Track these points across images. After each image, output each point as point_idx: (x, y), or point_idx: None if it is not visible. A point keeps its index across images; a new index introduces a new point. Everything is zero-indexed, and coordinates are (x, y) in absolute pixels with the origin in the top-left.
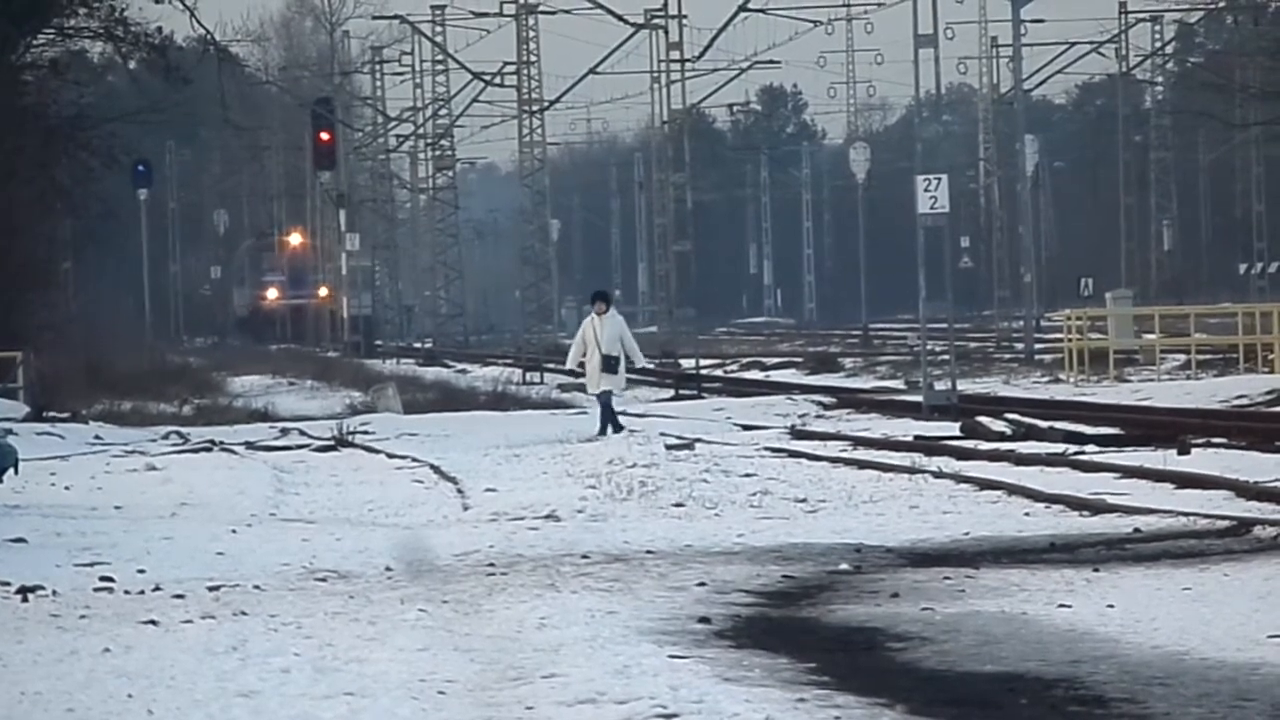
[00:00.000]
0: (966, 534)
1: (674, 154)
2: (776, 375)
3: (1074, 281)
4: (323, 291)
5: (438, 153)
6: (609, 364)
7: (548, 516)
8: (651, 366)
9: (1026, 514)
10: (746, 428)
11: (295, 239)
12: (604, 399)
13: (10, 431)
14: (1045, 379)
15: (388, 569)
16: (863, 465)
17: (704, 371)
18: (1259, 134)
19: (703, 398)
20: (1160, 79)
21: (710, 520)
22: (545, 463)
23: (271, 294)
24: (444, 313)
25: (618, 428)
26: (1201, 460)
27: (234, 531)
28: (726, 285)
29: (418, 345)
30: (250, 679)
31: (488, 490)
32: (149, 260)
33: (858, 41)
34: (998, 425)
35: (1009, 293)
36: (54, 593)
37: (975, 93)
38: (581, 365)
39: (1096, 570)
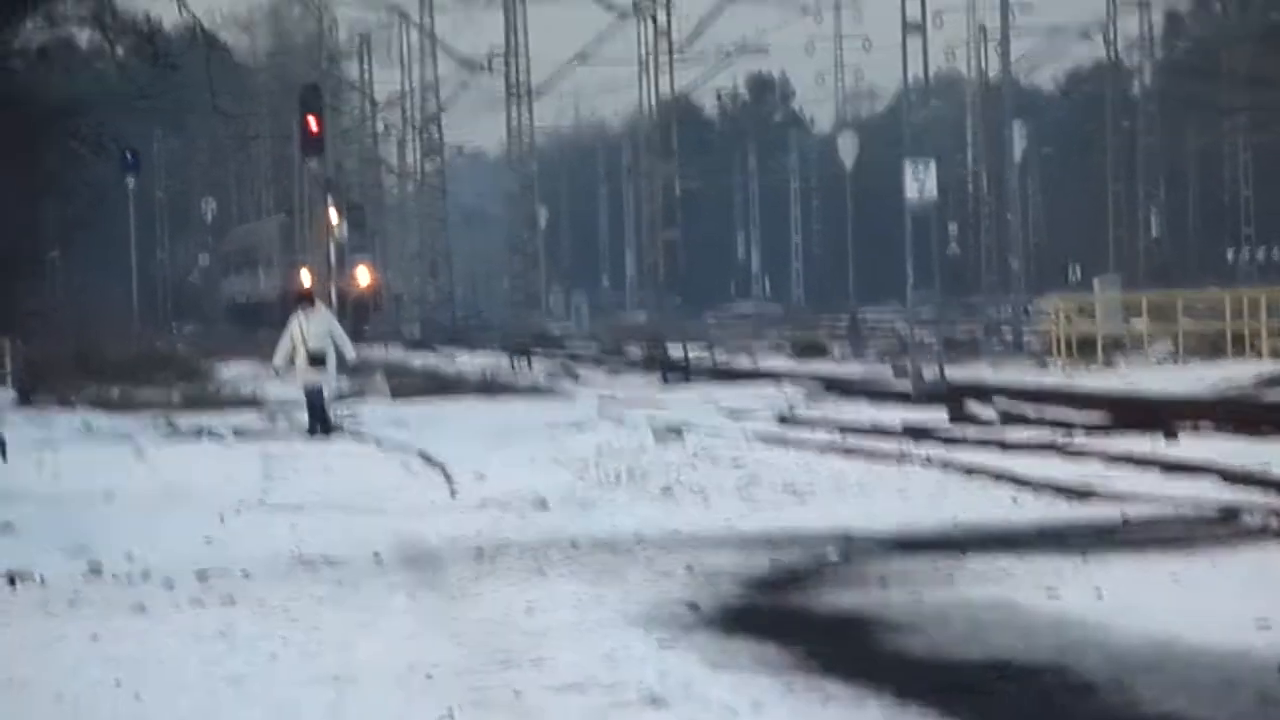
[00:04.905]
0: (954, 521)
1: (662, 141)
2: (764, 362)
3: (1062, 268)
4: (363, 276)
5: (426, 139)
6: (315, 360)
7: (536, 503)
8: (639, 353)
9: (1014, 501)
10: (734, 414)
11: (334, 216)
12: (312, 397)
13: None
14: (1033, 366)
15: (376, 555)
16: (851, 452)
17: (692, 358)
18: (1246, 120)
19: (690, 384)
20: (1148, 65)
21: (698, 507)
22: (533, 449)
23: (305, 278)
24: (432, 299)
25: (327, 427)
26: (1189, 447)
27: (222, 519)
28: (714, 272)
29: (406, 331)
30: (238, 665)
31: (476, 477)
32: (137, 248)
33: (846, 28)
34: (986, 412)
35: (997, 279)
36: (42, 580)
37: (963, 79)
38: (292, 364)
39: (1084, 557)
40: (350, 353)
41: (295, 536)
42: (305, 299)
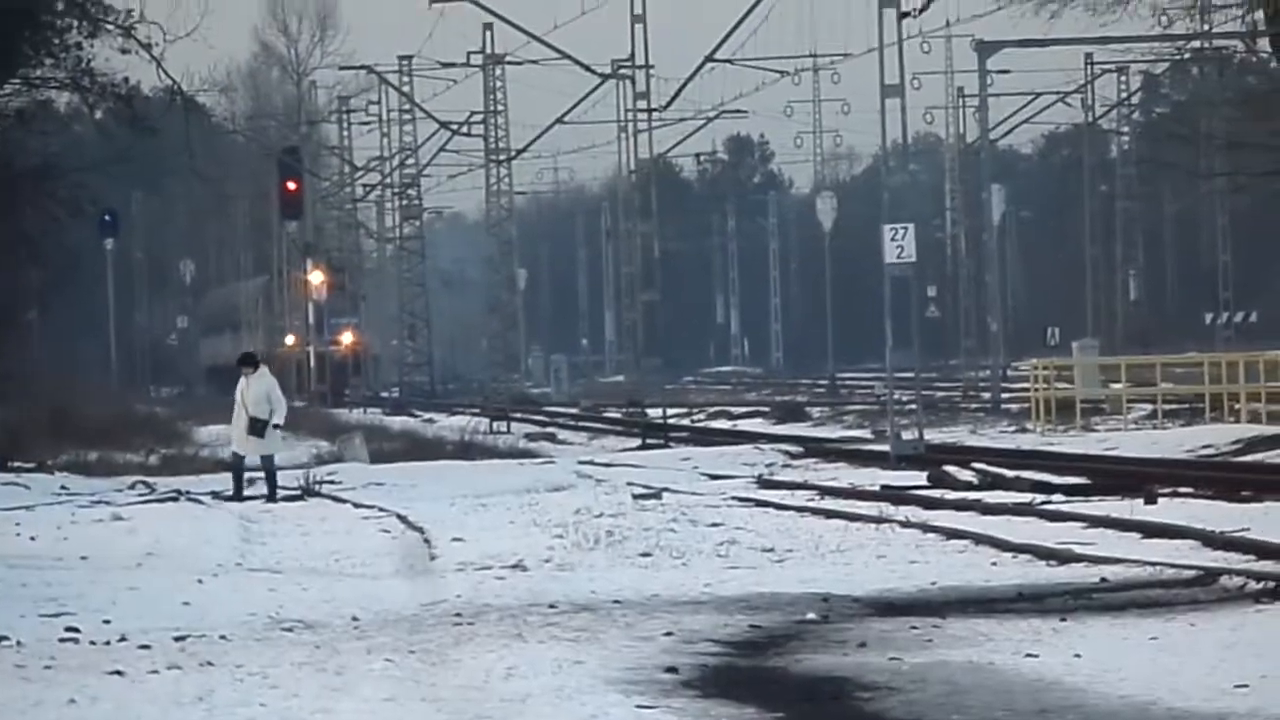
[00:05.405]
0: (934, 583)
1: (641, 203)
2: (744, 424)
3: (1040, 331)
4: (346, 338)
5: (405, 202)
6: (255, 426)
7: (515, 566)
8: (618, 416)
9: (994, 563)
10: (714, 477)
11: (317, 277)
12: (267, 465)
13: None
14: (1012, 428)
15: (354, 619)
16: (830, 515)
17: (671, 421)
18: (1224, 184)
19: (670, 447)
20: (1126, 129)
21: (677, 570)
22: (512, 512)
23: (288, 340)
24: (411, 362)
25: (273, 496)
26: (1168, 510)
27: (200, 582)
28: (693, 334)
29: (385, 394)
30: None
31: (455, 540)
32: (115, 310)
33: (824, 91)
34: (965, 475)
35: (976, 342)
36: (19, 643)
37: (942, 142)
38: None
39: (1064, 620)
40: (280, 416)
41: (274, 600)
42: (247, 363)
